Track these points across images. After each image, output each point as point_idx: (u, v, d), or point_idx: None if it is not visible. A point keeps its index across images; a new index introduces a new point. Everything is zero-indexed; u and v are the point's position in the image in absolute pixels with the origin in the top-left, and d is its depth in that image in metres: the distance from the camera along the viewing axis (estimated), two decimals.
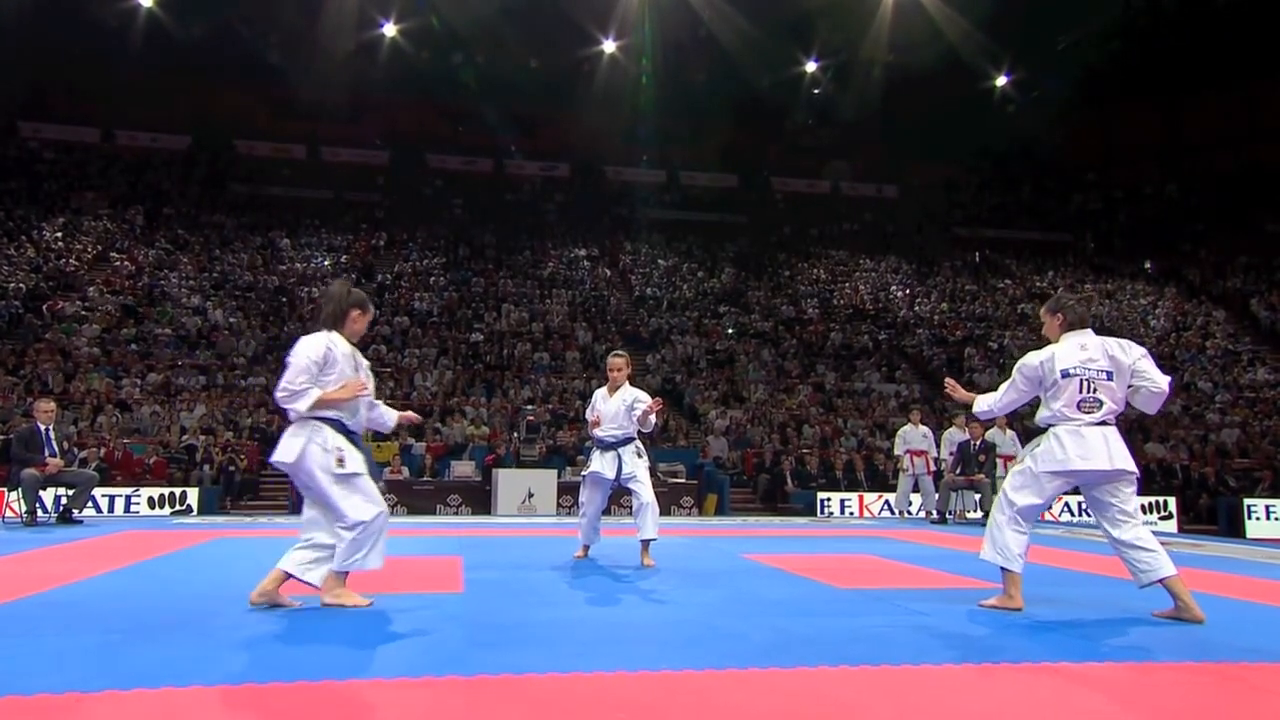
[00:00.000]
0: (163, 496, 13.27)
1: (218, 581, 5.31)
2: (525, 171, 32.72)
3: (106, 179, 27.62)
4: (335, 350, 4.08)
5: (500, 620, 4.00)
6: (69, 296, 20.64)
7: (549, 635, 3.67)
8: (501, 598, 4.67)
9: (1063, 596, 4.95)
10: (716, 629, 3.82)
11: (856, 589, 5.03)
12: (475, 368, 20.08)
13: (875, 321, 25.83)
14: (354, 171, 30.80)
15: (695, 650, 3.36)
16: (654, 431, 17.64)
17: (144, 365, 18.17)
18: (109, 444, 14.49)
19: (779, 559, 6.51)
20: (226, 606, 4.18)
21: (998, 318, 26.67)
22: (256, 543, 8.09)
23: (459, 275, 25.50)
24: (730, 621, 4.00)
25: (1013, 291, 29.11)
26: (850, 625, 3.89)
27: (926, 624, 3.97)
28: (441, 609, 4.24)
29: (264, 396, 17.58)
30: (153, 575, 5.57)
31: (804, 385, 21.14)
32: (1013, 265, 31.33)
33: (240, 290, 22.50)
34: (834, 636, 3.61)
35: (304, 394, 3.97)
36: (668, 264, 28.56)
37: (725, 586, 5.16)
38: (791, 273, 28.93)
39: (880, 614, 4.24)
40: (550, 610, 4.33)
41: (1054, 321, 4.37)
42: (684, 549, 7.44)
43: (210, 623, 3.78)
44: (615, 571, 5.75)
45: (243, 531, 9.26)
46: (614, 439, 6.12)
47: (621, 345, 22.50)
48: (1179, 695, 2.89)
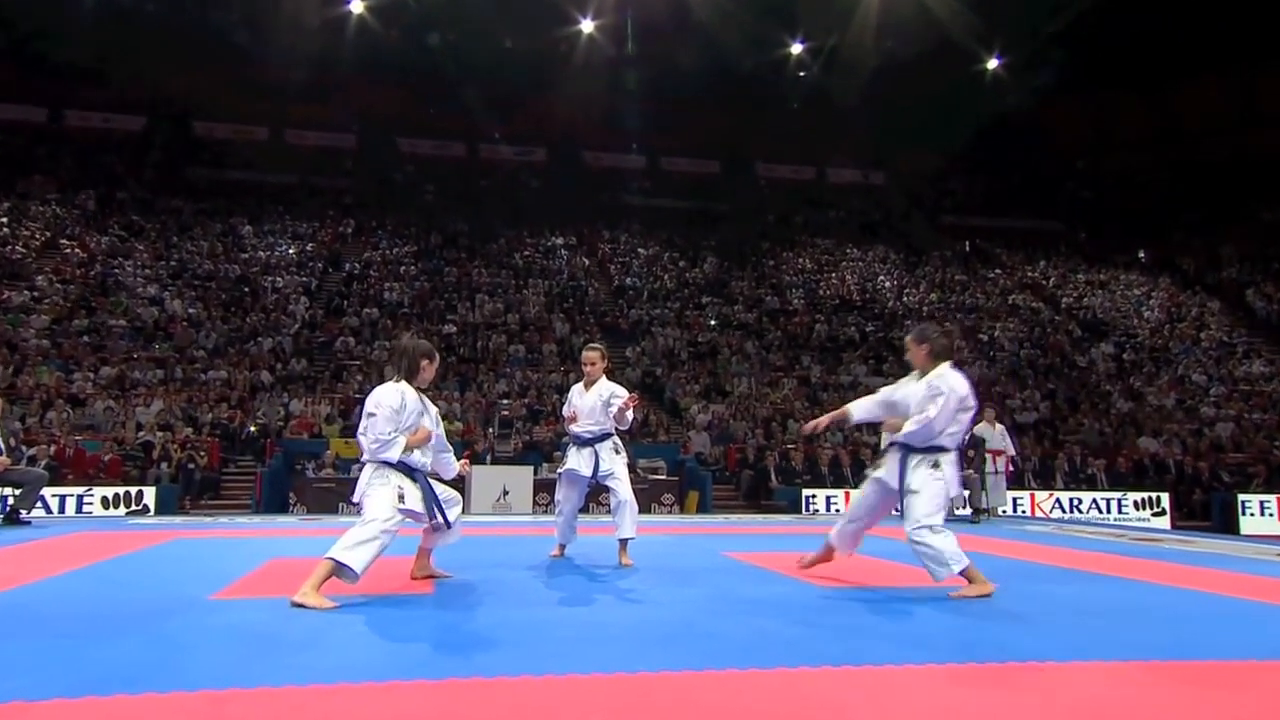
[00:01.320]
0: (117, 496, 13.13)
1: (174, 583, 5.25)
2: (500, 156, 32.56)
3: (55, 162, 27.19)
4: (407, 398, 4.58)
5: (471, 622, 4.01)
6: (16, 286, 20.33)
7: (522, 637, 3.67)
8: (473, 599, 4.67)
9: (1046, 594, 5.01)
10: (695, 629, 3.84)
11: (839, 587, 5.07)
12: (448, 361, 19.99)
13: (862, 313, 25.94)
14: (320, 155, 30.51)
15: (673, 651, 3.38)
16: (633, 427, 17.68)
17: (97, 358, 17.95)
18: (59, 441, 14.31)
19: (761, 557, 6.55)
20: (184, 609, 4.16)
21: (988, 308, 26.91)
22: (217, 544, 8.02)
23: (431, 264, 25.37)
24: (710, 621, 4.02)
25: (1003, 282, 29.38)
26: (832, 624, 3.92)
27: (909, 622, 4.01)
28: (410, 610, 4.23)
29: (224, 391, 17.43)
30: (106, 577, 5.51)
31: (789, 378, 21.22)
32: (1003, 255, 31.60)
33: (199, 279, 22.26)
34: (816, 636, 3.64)
35: (393, 443, 4.47)
36: (648, 253, 28.55)
37: (705, 585, 5.17)
38: (776, 262, 29.00)
39: (862, 613, 4.28)
40: (524, 611, 4.34)
41: (920, 350, 4.86)
42: (664, 547, 7.46)
43: (165, 626, 3.75)
44: (592, 571, 5.76)
45: (202, 532, 9.17)
46: (591, 435, 6.13)
47: (600, 337, 22.50)
48: (1160, 693, 2.94)
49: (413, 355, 4.69)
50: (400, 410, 4.51)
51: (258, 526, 10.25)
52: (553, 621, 4.03)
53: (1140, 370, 23.95)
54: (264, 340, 19.76)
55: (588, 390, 6.21)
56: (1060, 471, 17.38)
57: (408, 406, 4.55)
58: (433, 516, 4.63)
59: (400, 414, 4.51)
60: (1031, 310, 27.25)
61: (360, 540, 4.29)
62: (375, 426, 4.46)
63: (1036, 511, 15.65)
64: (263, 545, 7.64)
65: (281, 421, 16.70)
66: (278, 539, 8.54)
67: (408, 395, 4.58)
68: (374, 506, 4.39)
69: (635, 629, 3.89)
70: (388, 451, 4.45)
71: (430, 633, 3.70)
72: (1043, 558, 6.81)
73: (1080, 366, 23.93)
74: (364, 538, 4.30)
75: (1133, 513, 16.11)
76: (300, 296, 22.27)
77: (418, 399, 4.65)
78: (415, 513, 4.55)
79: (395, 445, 4.46)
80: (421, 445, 4.60)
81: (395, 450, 4.46)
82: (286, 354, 19.52)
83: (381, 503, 4.40)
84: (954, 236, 32.33)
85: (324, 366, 19.45)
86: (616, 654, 3.33)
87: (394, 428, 4.46)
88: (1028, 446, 17.84)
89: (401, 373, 4.65)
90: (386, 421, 4.45)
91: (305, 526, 10.32)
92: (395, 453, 4.46)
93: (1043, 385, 22.35)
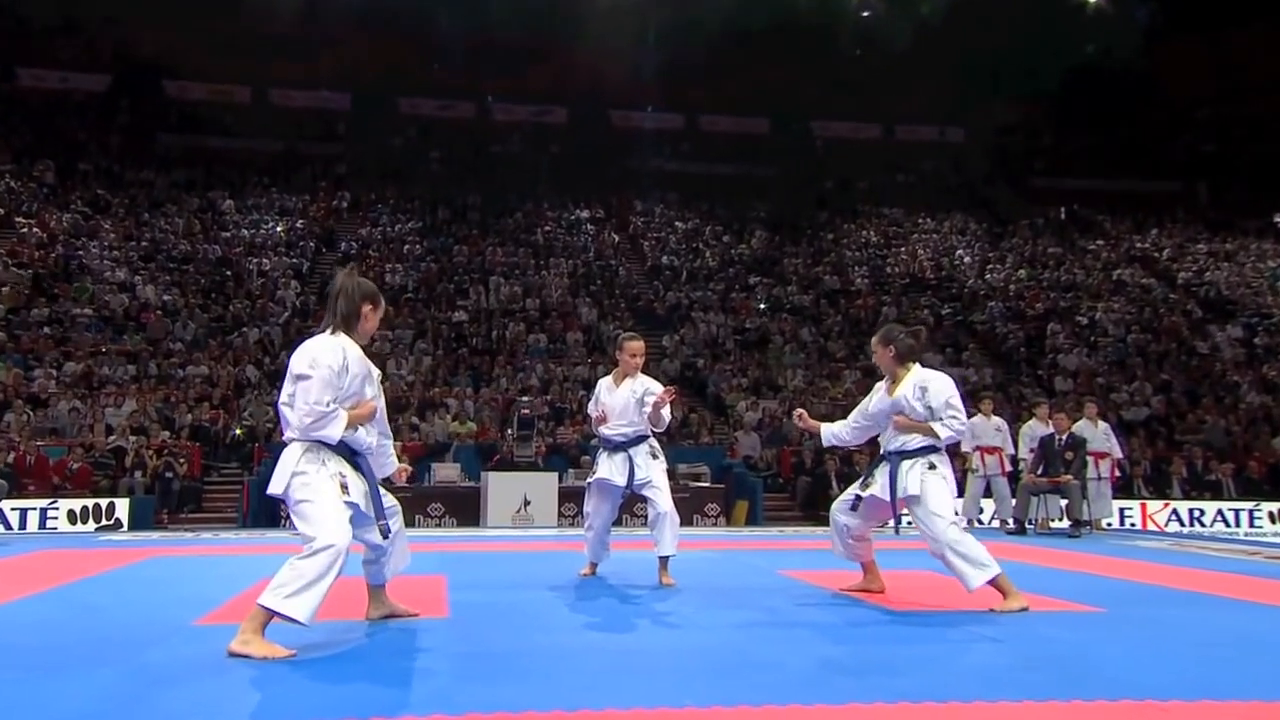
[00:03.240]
0: (85, 509, 13.37)
1: (153, 607, 5.35)
2: (514, 117, 32.64)
3: (7, 127, 27.63)
4: (349, 356, 4.01)
5: (492, 649, 4.03)
6: None
7: (550, 666, 3.69)
8: (493, 623, 4.70)
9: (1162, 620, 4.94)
10: (749, 657, 3.83)
11: (916, 611, 5.05)
12: (459, 353, 20.11)
13: (937, 293, 25.63)
14: (309, 119, 30.82)
15: (725, 682, 3.38)
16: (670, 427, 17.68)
17: (60, 352, 18.28)
18: (19, 447, 14.58)
19: (821, 576, 6.52)
20: (164, 637, 4.22)
21: (1088, 286, 26.48)
22: (199, 562, 8.17)
23: (438, 243, 25.51)
24: (766, 649, 4.01)
25: (1107, 254, 28.89)
26: (910, 654, 3.89)
27: (998, 651, 3.97)
28: (423, 636, 4.26)
29: (205, 389, 17.68)
30: (75, 601, 5.63)
31: (851, 370, 21.05)
32: (1106, 222, 31.05)
33: (175, 262, 22.58)
34: (891, 666, 3.62)
35: (334, 417, 3.89)
36: (686, 227, 28.45)
37: (758, 608, 5.17)
38: (835, 235, 28.76)
39: (942, 639, 4.25)
40: (551, 636, 4.36)
41: (886, 353, 5.35)
42: (709, 564, 7.45)
43: (145, 656, 3.82)
44: (627, 592, 5.78)
45: (183, 549, 9.34)
46: (624, 438, 6.13)
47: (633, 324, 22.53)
48: None
49: (352, 297, 4.14)
50: (341, 373, 3.94)
51: (245, 543, 10.41)
52: (585, 649, 4.05)
53: (1275, 357, 23.45)
54: (249, 331, 20.00)
55: (618, 385, 6.19)
56: (1177, 478, 17.09)
57: (350, 369, 3.98)
58: (380, 518, 4.12)
59: (341, 377, 3.94)
60: (1141, 287, 26.79)
61: (305, 581, 3.70)
62: (309, 393, 3.86)
63: (1149, 525, 15.44)
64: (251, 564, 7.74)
65: (270, 423, 16.89)
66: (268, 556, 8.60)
67: (350, 353, 4.02)
68: (317, 521, 3.81)
69: (680, 657, 3.89)
70: (327, 427, 3.86)
71: (446, 661, 3.73)
72: (1157, 578, 6.71)
73: (1201, 353, 23.47)
74: (310, 576, 3.71)
75: (1267, 526, 15.81)
76: (290, 281, 22.52)
77: (361, 358, 4.09)
78: (359, 509, 4.01)
79: (335, 420, 3.88)
80: (365, 421, 4.05)
81: (336, 427, 3.88)
82: (275, 346, 19.74)
83: (326, 515, 3.82)
84: (1047, 202, 31.84)
85: None
86: (659, 686, 3.34)
87: (333, 396, 3.89)
88: (1137, 448, 17.55)
89: (337, 321, 4.10)
90: (325, 387, 3.87)
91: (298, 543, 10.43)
92: (337, 430, 3.88)
93: (1155, 376, 21.96)
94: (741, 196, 30.21)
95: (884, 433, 5.41)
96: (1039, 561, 7.78)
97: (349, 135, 30.93)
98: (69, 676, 3.46)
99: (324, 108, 31.43)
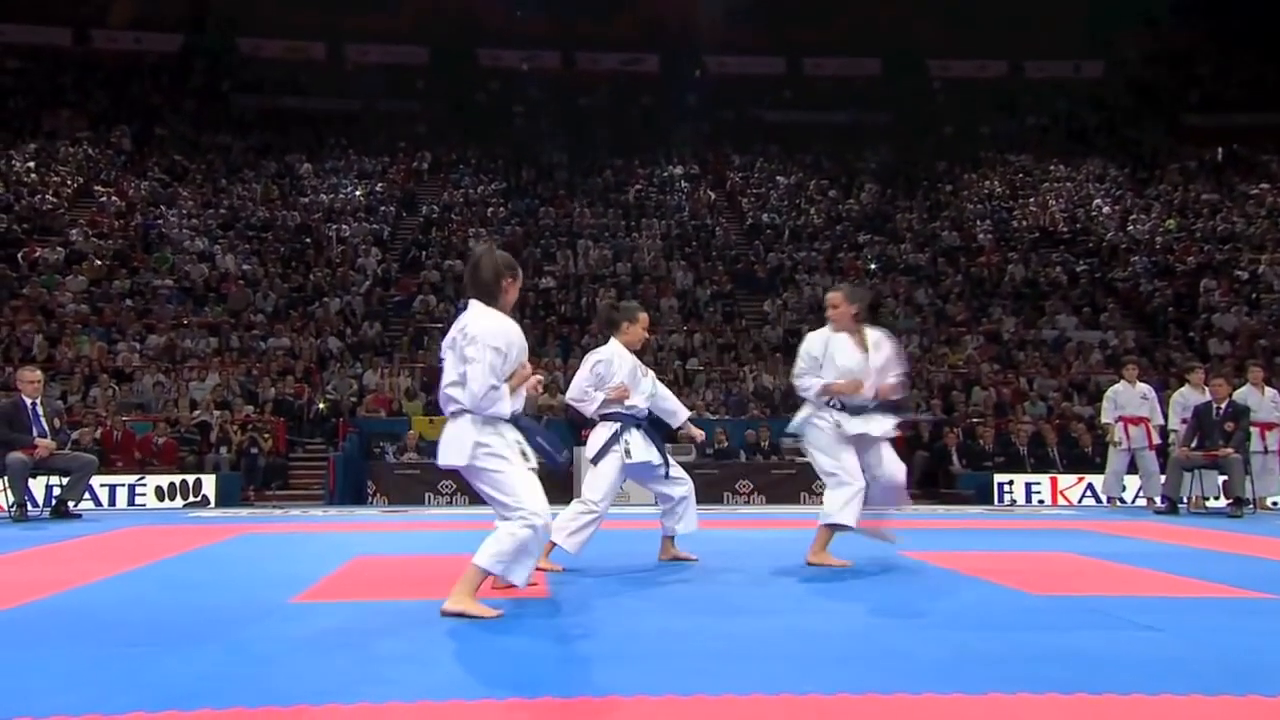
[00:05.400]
0: (172, 485, 13.99)
1: (247, 585, 5.59)
2: (602, 67, 32.70)
3: (84, 93, 28.77)
4: (515, 331, 4.36)
5: (598, 631, 4.12)
6: (48, 241, 21.76)
7: (660, 649, 3.73)
8: (597, 604, 4.80)
9: None
10: (875, 643, 3.84)
11: (1057, 595, 4.98)
12: (547, 321, 20.35)
13: (1071, 248, 25.06)
14: (387, 75, 31.36)
15: (849, 669, 3.37)
16: (775, 398, 17.59)
17: (142, 325, 19.08)
18: (105, 422, 15.31)
19: (946, 557, 6.51)
20: (262, 615, 4.41)
21: (1250, 236, 25.39)
22: (289, 540, 8.49)
23: (523, 204, 25.79)
24: (892, 635, 4.01)
25: (1272, 200, 27.60)
26: (1054, 642, 3.82)
27: (1163, 641, 3.88)
28: (525, 618, 4.37)
29: (287, 361, 18.25)
30: (169, 578, 5.92)
31: (973, 335, 20.71)
32: (1273, 163, 29.62)
33: (254, 230, 23.32)
34: (1033, 655, 3.56)
35: (503, 395, 4.22)
36: (789, 181, 28.21)
37: (881, 592, 5.18)
38: (955, 187, 28.23)
39: (1095, 627, 4.18)
40: (657, 619, 4.42)
41: (850, 310, 5.98)
42: None
43: (244, 634, 3.99)
44: (727, 574, 5.87)
45: (270, 526, 9.70)
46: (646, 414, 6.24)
47: (731, 288, 22.45)
48: None
49: (493, 270, 4.38)
50: (512, 347, 4.29)
51: (333, 520, 10.78)
52: (696, 632, 4.08)
53: None
54: (330, 301, 20.58)
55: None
56: None
57: (516, 342, 4.34)
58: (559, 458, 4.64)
59: (512, 352, 4.29)
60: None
61: (523, 550, 4.17)
62: (484, 371, 4.17)
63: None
64: (341, 541, 8.05)
65: (355, 397, 17.39)
66: (357, 534, 8.97)
67: (515, 327, 4.38)
68: (521, 491, 4.22)
69: (798, 642, 3.90)
70: (498, 405, 4.21)
71: (551, 643, 3.81)
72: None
73: None
74: (526, 546, 4.18)
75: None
76: (370, 247, 23.06)
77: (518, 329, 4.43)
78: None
79: (505, 397, 4.24)
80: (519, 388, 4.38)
81: (505, 404, 4.25)
82: (357, 317, 20.28)
83: (526, 484, 4.25)
84: (1201, 141, 30.61)
85: (401, 331, 20.14)
86: (778, 672, 3.34)
87: (502, 373, 4.25)
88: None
89: (482, 295, 4.36)
90: (502, 364, 4.23)
91: (387, 520, 10.78)
92: (507, 406, 4.25)
93: None
94: (850, 147, 29.87)
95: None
96: (1194, 543, 7.58)
97: (428, 92, 31.38)
98: (174, 652, 3.63)
99: (401, 63, 31.93)
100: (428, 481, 14.45)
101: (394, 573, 6.18)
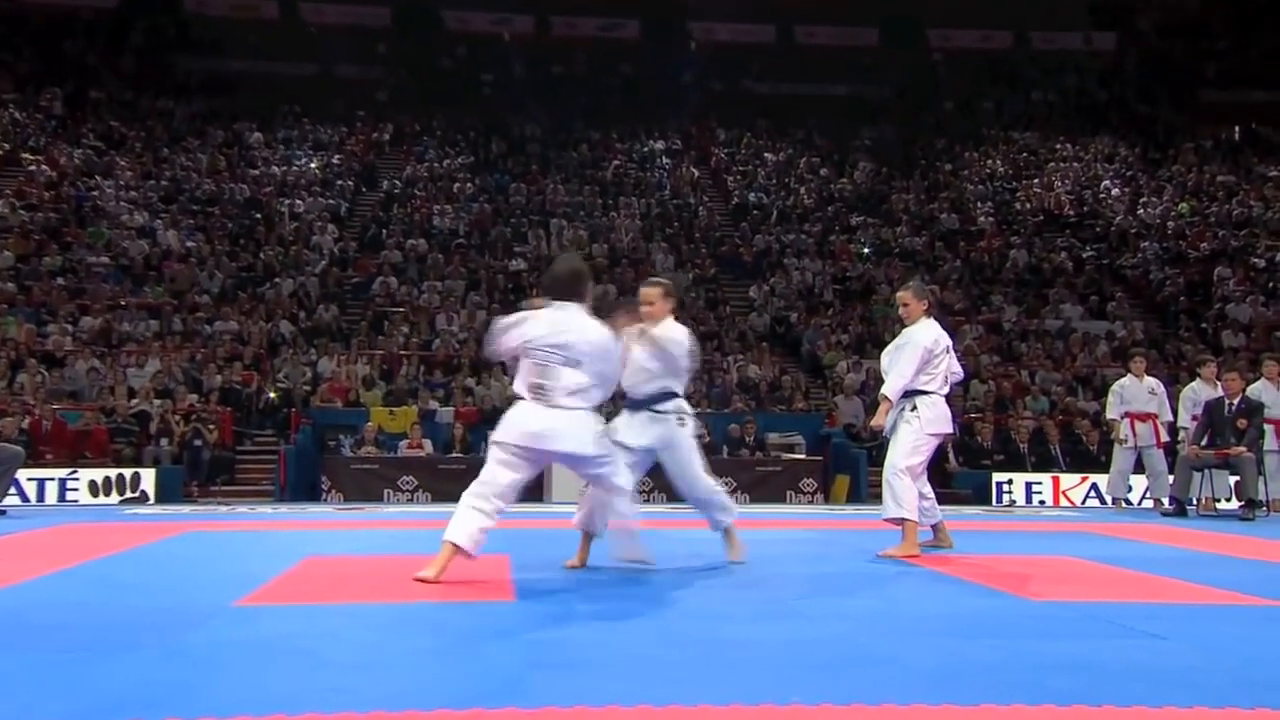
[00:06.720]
0: (109, 480, 13.87)
1: (189, 586, 5.56)
2: (579, 32, 32.51)
3: (12, 51, 28.29)
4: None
5: (566, 636, 4.12)
6: None
7: (633, 656, 3.73)
8: (565, 607, 4.81)
9: None
10: (863, 650, 3.85)
11: (1056, 601, 5.02)
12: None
13: (1077, 232, 25.21)
14: (346, 37, 30.99)
15: (835, 678, 3.38)
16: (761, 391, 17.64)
17: (75, 306, 18.88)
18: (34, 410, 15.13)
19: (940, 560, 6.56)
20: (204, 618, 4.38)
21: (1267, 222, 25.59)
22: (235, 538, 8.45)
23: (492, 180, 25.68)
24: (881, 642, 4.02)
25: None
26: (1053, 650, 3.85)
27: (1167, 650, 3.92)
28: (488, 621, 4.37)
29: (235, 347, 18.13)
30: (103, 579, 5.86)
31: (972, 325, 20.80)
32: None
33: (199, 204, 23.11)
34: (1029, 664, 3.59)
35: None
36: (778, 159, 28.21)
37: (870, 596, 5.20)
38: (955, 166, 28.31)
39: (1096, 635, 4.21)
40: (631, 623, 4.43)
41: (920, 306, 7.28)
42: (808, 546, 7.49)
43: (185, 639, 3.96)
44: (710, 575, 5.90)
45: (215, 524, 9.65)
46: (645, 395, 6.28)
47: (715, 272, 22.46)
48: None
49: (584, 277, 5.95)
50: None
51: (283, 518, 10.73)
52: (672, 637, 4.09)
53: None
54: (282, 282, 20.43)
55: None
56: None
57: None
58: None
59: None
60: None
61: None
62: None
63: None
64: (292, 540, 8.01)
65: (308, 386, 17.29)
66: (309, 533, 8.93)
67: None
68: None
69: (782, 649, 3.90)
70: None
71: (516, 649, 3.80)
72: None
73: None
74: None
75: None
76: (326, 224, 22.90)
77: None
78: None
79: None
80: None
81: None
82: (311, 299, 20.15)
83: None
84: (1217, 119, 30.83)
85: (359, 315, 20.00)
86: (759, 680, 3.34)
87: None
88: None
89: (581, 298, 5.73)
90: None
91: (342, 518, 10.74)
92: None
93: None
94: (843, 121, 29.88)
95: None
96: (1203, 547, 7.65)
97: (390, 56, 31.14)
98: (109, 659, 3.60)
99: (361, 24, 31.54)
100: (386, 477, 14.42)
101: (348, 574, 6.16)
